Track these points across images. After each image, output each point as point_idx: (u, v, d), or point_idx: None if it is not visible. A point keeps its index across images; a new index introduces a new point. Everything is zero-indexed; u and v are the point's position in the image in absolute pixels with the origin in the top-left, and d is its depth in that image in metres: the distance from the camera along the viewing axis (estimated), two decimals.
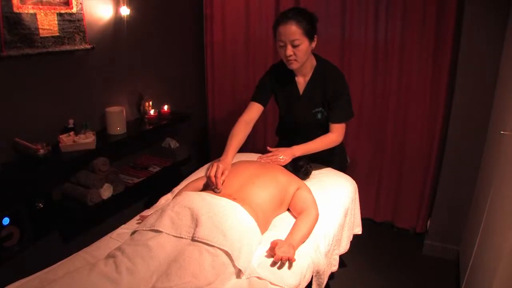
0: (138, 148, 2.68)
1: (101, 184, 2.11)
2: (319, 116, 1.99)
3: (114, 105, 2.36)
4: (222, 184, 1.63)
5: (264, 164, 1.83)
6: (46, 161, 1.84)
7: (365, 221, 2.29)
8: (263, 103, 2.01)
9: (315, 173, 2.04)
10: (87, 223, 2.32)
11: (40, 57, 1.89)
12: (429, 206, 2.69)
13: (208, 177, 1.65)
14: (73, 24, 2.01)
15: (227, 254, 1.30)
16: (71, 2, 1.99)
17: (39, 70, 1.93)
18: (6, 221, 1.73)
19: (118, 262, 1.26)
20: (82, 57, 2.15)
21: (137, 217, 1.70)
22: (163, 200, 1.85)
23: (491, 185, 1.81)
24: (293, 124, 2.12)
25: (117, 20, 2.34)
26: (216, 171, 1.64)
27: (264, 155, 1.93)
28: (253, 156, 2.11)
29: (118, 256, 1.29)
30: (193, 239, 1.35)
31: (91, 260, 1.39)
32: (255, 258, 1.40)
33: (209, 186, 1.67)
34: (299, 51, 1.80)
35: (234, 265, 1.30)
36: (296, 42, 1.77)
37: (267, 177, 1.69)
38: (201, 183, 1.76)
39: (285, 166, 1.87)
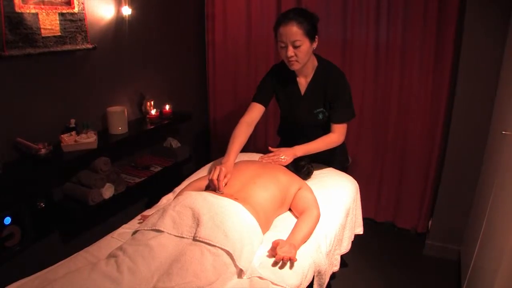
0: (139, 147, 2.69)
1: (103, 184, 2.11)
2: (320, 116, 1.99)
3: (116, 105, 2.37)
4: (224, 186, 1.63)
5: (266, 164, 1.83)
6: (47, 160, 1.84)
7: (366, 221, 2.29)
8: (265, 104, 2.01)
9: (316, 173, 2.04)
10: (88, 223, 2.32)
11: (41, 57, 1.89)
12: (431, 206, 2.69)
13: (210, 180, 1.65)
14: (74, 24, 2.01)
15: (229, 254, 1.30)
16: (73, 2, 1.99)
17: (40, 70, 1.93)
18: (7, 220, 1.73)
19: (119, 261, 1.26)
20: (83, 57, 2.15)
21: (139, 216, 1.70)
22: (165, 199, 1.85)
23: (493, 185, 1.81)
24: (295, 124, 2.12)
25: (119, 20, 2.34)
26: (218, 174, 1.64)
27: (266, 155, 1.93)
28: (255, 156, 2.11)
29: (119, 256, 1.29)
30: (194, 239, 1.35)
31: (92, 260, 1.39)
32: (256, 258, 1.40)
33: (211, 187, 1.67)
34: (300, 52, 1.80)
35: (235, 265, 1.30)
36: (297, 43, 1.77)
37: (268, 177, 1.68)
38: (203, 183, 1.76)
39: (287, 166, 1.87)
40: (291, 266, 1.36)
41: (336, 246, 1.70)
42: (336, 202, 1.82)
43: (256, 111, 1.99)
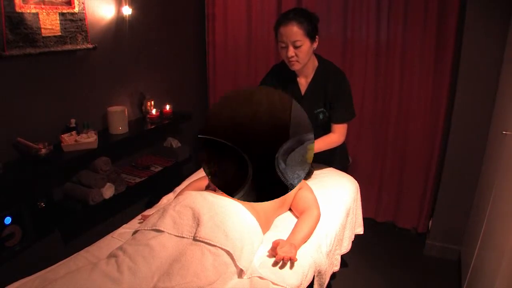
0: (139, 147, 2.69)
1: (103, 184, 2.11)
2: (321, 116, 1.99)
3: (116, 105, 2.37)
4: None
5: None
6: (47, 160, 1.84)
7: (366, 221, 2.29)
8: None
9: (316, 173, 2.04)
10: (89, 223, 2.32)
11: (42, 56, 1.89)
12: (431, 206, 2.69)
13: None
14: (75, 24, 2.01)
15: (229, 253, 1.30)
16: (73, 2, 1.99)
17: (41, 70, 1.93)
18: (8, 220, 1.73)
19: (119, 261, 1.26)
20: (84, 57, 2.15)
21: (139, 216, 1.70)
22: (165, 199, 1.85)
23: (493, 185, 1.81)
24: None
25: (119, 20, 2.34)
26: None
27: None
28: None
29: (119, 256, 1.29)
30: (194, 239, 1.35)
31: (93, 259, 1.39)
32: (256, 257, 1.40)
33: (211, 186, 1.67)
34: (301, 52, 1.80)
35: (235, 265, 1.30)
36: (298, 43, 1.77)
37: None
38: (203, 183, 1.76)
39: None
40: (292, 266, 1.36)
41: (336, 246, 1.70)
42: (337, 202, 1.83)
43: None
